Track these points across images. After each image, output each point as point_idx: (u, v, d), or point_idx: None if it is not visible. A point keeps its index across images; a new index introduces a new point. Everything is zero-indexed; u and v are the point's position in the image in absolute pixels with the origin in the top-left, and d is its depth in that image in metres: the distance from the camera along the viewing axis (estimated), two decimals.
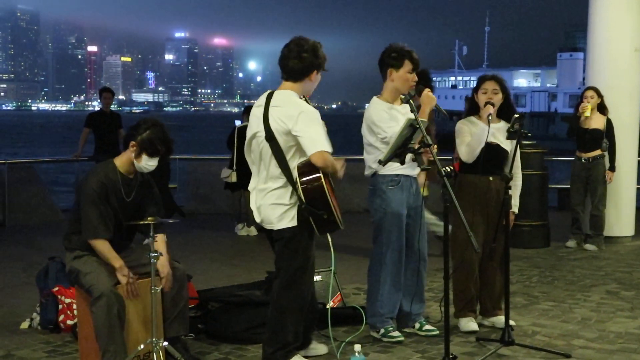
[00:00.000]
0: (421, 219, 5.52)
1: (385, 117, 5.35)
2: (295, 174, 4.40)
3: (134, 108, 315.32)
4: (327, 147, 4.36)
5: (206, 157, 12.67)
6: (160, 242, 4.89)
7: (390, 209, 5.41)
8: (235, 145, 10.00)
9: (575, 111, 9.31)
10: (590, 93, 9.17)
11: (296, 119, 4.37)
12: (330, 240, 4.78)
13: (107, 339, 4.66)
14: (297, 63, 4.54)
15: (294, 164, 4.42)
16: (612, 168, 9.18)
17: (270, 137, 4.43)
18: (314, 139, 4.34)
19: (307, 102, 4.94)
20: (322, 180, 4.32)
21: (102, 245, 4.78)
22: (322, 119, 4.62)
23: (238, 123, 10.29)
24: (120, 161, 4.95)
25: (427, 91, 5.35)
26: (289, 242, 4.48)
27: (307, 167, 4.35)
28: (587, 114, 9.03)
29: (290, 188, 4.46)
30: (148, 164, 4.89)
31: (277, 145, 4.41)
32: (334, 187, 4.57)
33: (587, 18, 9.99)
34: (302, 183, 4.34)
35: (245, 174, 9.85)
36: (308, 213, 4.35)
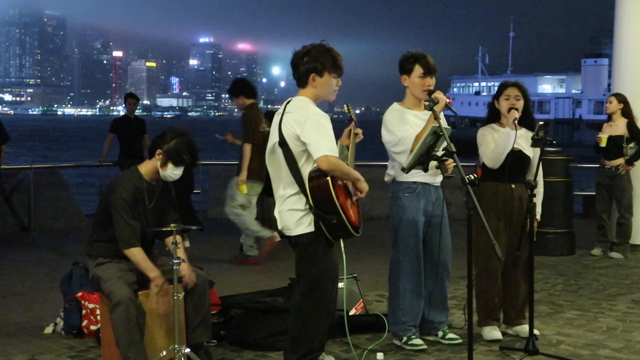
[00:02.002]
0: (443, 226, 5.49)
1: (396, 120, 5.37)
2: (306, 179, 4.42)
3: (165, 113, 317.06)
4: (332, 151, 4.35)
5: (230, 163, 12.66)
6: (179, 248, 4.91)
7: (405, 217, 5.40)
8: None
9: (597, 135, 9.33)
10: (610, 98, 9.22)
11: (303, 124, 4.38)
12: (342, 246, 4.76)
13: (127, 345, 4.68)
14: (297, 69, 4.56)
15: (307, 170, 4.42)
16: (630, 162, 9.08)
17: (282, 142, 4.45)
18: (319, 144, 4.34)
19: (349, 109, 4.96)
20: (329, 182, 4.31)
21: (138, 254, 4.80)
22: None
23: None
24: (145, 169, 4.98)
25: (437, 92, 5.33)
26: (307, 248, 4.47)
27: (317, 172, 4.36)
28: (603, 144, 9.10)
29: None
30: (173, 172, 4.92)
31: (289, 150, 4.43)
32: (351, 192, 4.55)
33: (613, 23, 9.90)
34: (310, 187, 4.35)
35: (266, 180, 9.91)
36: (317, 217, 4.35)
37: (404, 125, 5.31)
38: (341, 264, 4.64)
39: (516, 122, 5.54)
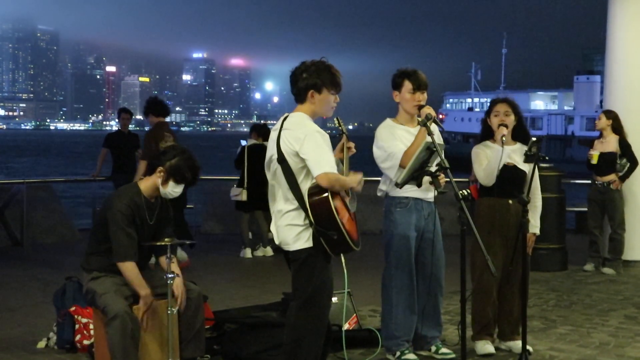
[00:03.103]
0: (436, 242, 5.51)
1: (387, 135, 5.42)
2: (306, 195, 4.42)
3: None
4: (331, 168, 4.36)
5: (223, 178, 12.70)
6: (174, 262, 4.92)
7: (397, 231, 5.43)
8: (246, 163, 10.02)
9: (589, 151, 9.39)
10: (600, 115, 9.32)
11: (302, 140, 4.39)
12: (343, 261, 4.76)
13: (122, 359, 4.67)
14: (296, 85, 4.58)
15: (306, 186, 4.43)
16: (622, 178, 9.14)
17: (281, 159, 4.45)
18: (319, 161, 4.35)
19: (339, 123, 4.96)
20: (329, 198, 4.32)
21: (131, 269, 4.82)
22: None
23: (244, 142, 10.33)
24: (145, 185, 4.99)
25: (426, 107, 5.35)
26: (305, 263, 4.47)
27: (317, 188, 4.36)
28: (594, 162, 9.16)
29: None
30: (174, 190, 4.95)
31: (288, 167, 4.43)
32: (349, 207, 4.56)
33: (605, 41, 9.97)
34: (310, 203, 4.35)
35: (256, 194, 9.96)
36: (318, 233, 4.36)
37: (394, 141, 5.35)
38: (342, 279, 4.65)
39: (504, 138, 5.57)
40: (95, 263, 4.97)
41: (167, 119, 10.00)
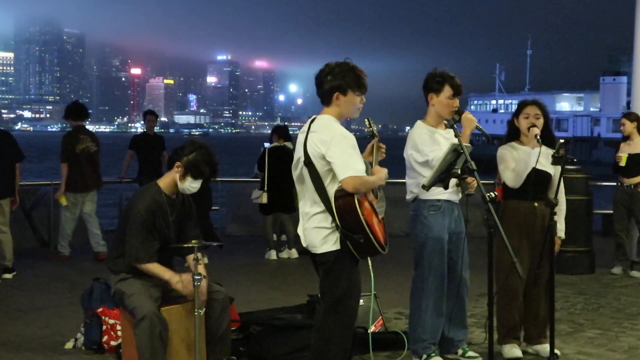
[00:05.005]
0: (463, 244, 5.49)
1: (427, 140, 5.36)
2: (333, 198, 4.41)
3: (193, 130, 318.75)
4: (358, 171, 4.33)
5: (248, 180, 12.72)
6: (200, 264, 4.93)
7: (431, 235, 5.39)
8: (267, 166, 10.02)
9: (615, 153, 9.25)
10: (622, 120, 9.17)
11: (329, 144, 4.37)
12: (370, 263, 4.73)
13: None
14: (321, 87, 4.56)
15: (333, 189, 4.41)
16: None
17: (308, 161, 4.44)
18: (344, 165, 4.33)
19: (370, 124, 4.93)
20: (355, 202, 4.30)
21: (147, 267, 4.85)
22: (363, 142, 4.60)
23: (267, 145, 10.32)
24: (164, 182, 5.01)
25: (467, 113, 5.33)
26: (333, 266, 4.45)
27: (343, 192, 4.35)
28: (622, 164, 9.05)
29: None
30: (192, 185, 4.95)
31: (315, 169, 4.42)
32: (377, 211, 4.54)
33: (633, 41, 9.88)
34: (336, 206, 4.34)
35: (277, 196, 9.97)
36: (344, 236, 4.35)
37: (435, 146, 5.31)
38: (369, 281, 4.62)
39: (538, 137, 5.53)
40: (122, 265, 4.99)
41: (191, 120, 10.13)
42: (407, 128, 5.73)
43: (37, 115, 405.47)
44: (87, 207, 10.17)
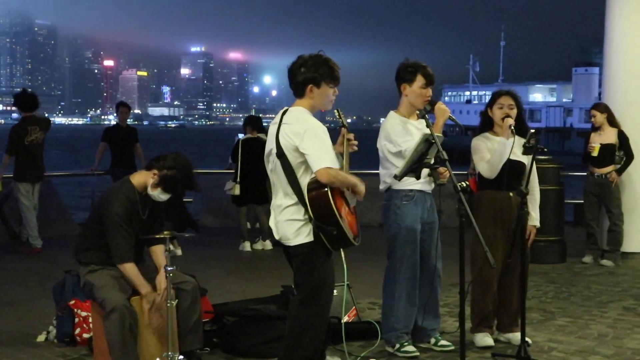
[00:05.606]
0: (436, 234, 5.52)
1: (400, 131, 5.37)
2: (305, 190, 4.41)
3: (169, 122, 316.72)
4: (332, 163, 4.34)
5: (222, 172, 12.67)
6: (160, 254, 4.97)
7: (404, 224, 5.41)
8: (240, 158, 10.00)
9: (585, 146, 9.32)
10: (592, 112, 9.24)
11: (302, 136, 4.36)
12: (343, 254, 4.75)
13: (121, 352, 4.69)
14: (294, 79, 4.55)
15: (305, 180, 4.41)
16: (619, 172, 9.15)
17: (280, 153, 4.43)
18: (319, 156, 4.33)
19: (340, 115, 4.93)
20: (328, 194, 4.31)
21: (131, 269, 4.87)
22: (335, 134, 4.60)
23: (241, 136, 10.29)
24: (137, 181, 5.00)
25: (440, 104, 5.35)
26: (306, 258, 4.46)
27: (316, 184, 4.35)
28: (595, 154, 9.11)
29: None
30: (161, 196, 4.99)
31: (287, 161, 4.41)
32: (349, 203, 4.55)
33: (604, 33, 9.96)
34: (309, 198, 4.35)
35: (251, 188, 9.96)
36: (317, 229, 4.35)
37: (408, 136, 5.33)
38: (341, 271, 4.63)
39: (512, 128, 5.56)
40: (91, 257, 4.98)
41: (165, 112, 10.08)
42: (382, 119, 5.74)
43: (8, 108, 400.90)
44: (35, 199, 10.21)
